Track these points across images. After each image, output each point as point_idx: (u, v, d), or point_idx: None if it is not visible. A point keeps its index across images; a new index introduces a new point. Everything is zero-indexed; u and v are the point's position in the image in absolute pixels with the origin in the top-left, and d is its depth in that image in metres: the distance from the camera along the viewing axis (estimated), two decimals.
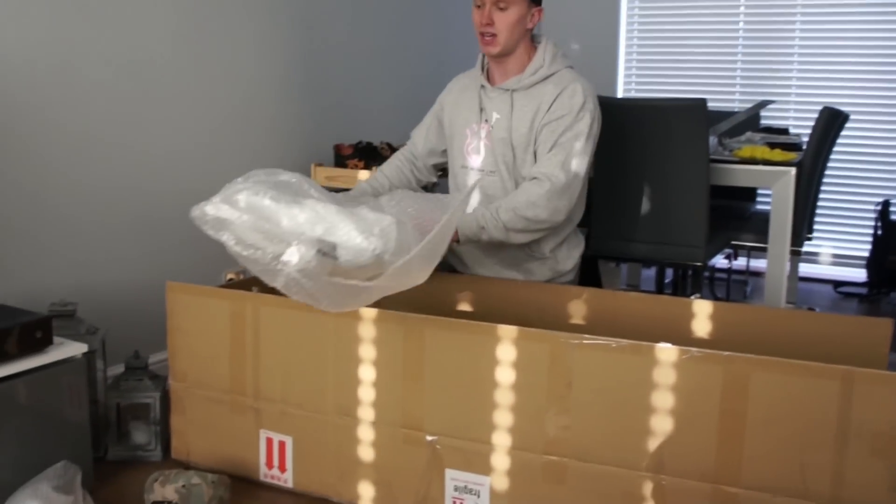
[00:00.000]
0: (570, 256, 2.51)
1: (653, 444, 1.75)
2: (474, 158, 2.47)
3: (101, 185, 2.64)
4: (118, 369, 2.49)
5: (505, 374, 1.86)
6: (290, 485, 2.15)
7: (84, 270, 2.61)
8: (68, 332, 2.28)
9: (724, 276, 4.70)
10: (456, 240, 2.28)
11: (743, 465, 1.68)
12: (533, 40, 2.46)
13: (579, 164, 2.32)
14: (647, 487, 1.77)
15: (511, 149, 2.39)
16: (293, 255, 1.57)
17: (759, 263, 4.77)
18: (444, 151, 2.64)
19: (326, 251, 1.61)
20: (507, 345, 1.85)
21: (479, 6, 2.34)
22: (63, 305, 2.33)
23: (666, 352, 1.71)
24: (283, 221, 1.61)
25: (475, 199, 2.46)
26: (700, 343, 2.16)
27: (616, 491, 1.80)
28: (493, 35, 2.34)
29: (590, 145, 2.36)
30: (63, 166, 2.53)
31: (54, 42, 2.47)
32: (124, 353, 2.48)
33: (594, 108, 2.36)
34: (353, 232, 1.61)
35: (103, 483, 2.21)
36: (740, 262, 4.78)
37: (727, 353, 1.66)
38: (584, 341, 1.77)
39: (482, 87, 2.47)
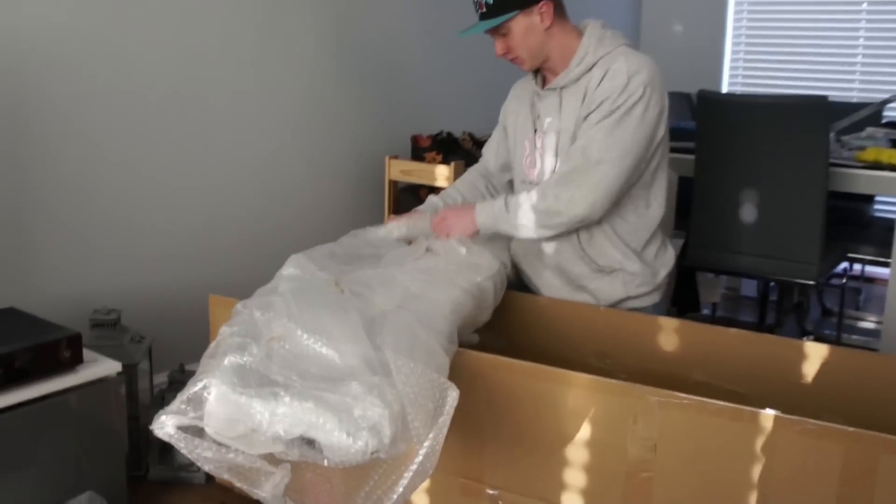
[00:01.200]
0: (659, 266, 2.21)
1: None
2: (532, 172, 2.20)
3: (150, 186, 2.47)
4: (165, 377, 2.33)
5: (579, 429, 1.59)
6: None
7: (130, 275, 2.44)
8: (111, 342, 2.14)
9: (835, 282, 4.30)
10: (475, 232, 2.10)
11: None
12: (578, 29, 2.15)
13: (605, 148, 1.99)
14: None
15: (562, 153, 2.11)
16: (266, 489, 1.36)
17: (875, 269, 4.36)
18: None
19: (312, 445, 1.37)
20: (582, 395, 1.58)
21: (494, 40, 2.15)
22: (106, 313, 2.17)
23: (773, 420, 1.42)
24: (256, 419, 1.35)
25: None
26: (811, 399, 1.85)
27: None
28: (516, 57, 2.13)
29: (628, 130, 2.00)
30: (112, 167, 2.36)
31: (108, 34, 2.30)
32: (173, 360, 2.32)
33: (640, 86, 2.00)
34: (336, 432, 1.32)
35: None
36: (854, 266, 4.37)
37: (851, 429, 1.36)
38: (674, 400, 1.49)
39: (536, 93, 2.20)
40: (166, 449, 2.22)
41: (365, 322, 1.53)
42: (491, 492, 1.72)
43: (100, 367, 1.90)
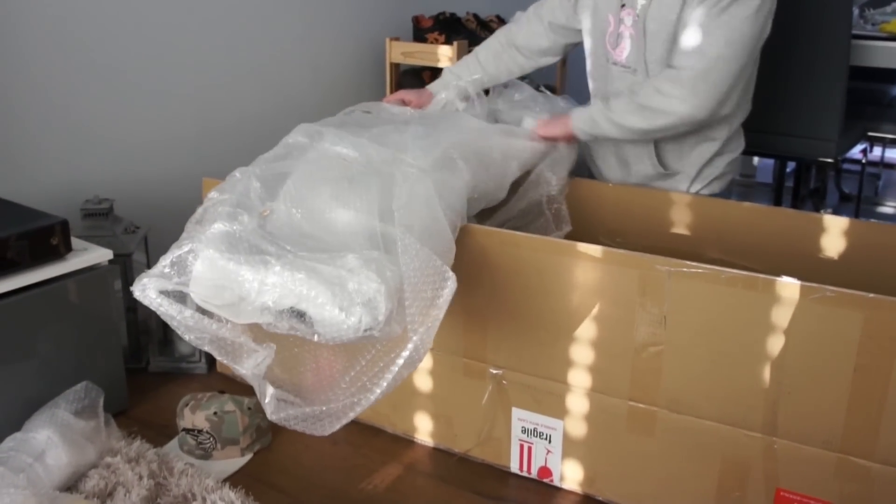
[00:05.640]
0: (725, 172, 2.09)
1: (766, 399, 1.41)
2: (618, 52, 1.99)
3: (143, 68, 2.36)
4: None
5: (584, 303, 1.53)
6: None
7: (124, 163, 2.36)
8: (103, 232, 2.07)
9: (853, 167, 4.18)
10: (570, 138, 1.93)
11: (881, 435, 1.33)
12: None
13: (727, 42, 1.82)
14: (755, 450, 1.44)
15: (660, 42, 1.90)
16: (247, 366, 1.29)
17: (895, 155, 4.24)
18: (578, 31, 2.14)
19: (303, 318, 1.28)
20: (588, 268, 1.51)
21: None
22: (97, 202, 2.10)
23: (789, 288, 1.34)
24: (244, 287, 1.26)
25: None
26: (830, 272, 1.77)
27: (715, 451, 1.48)
28: None
29: (746, 24, 1.83)
30: (104, 49, 2.25)
31: None
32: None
33: None
34: (328, 306, 1.24)
35: (142, 398, 2.02)
36: (874, 152, 4.24)
37: (871, 295, 1.28)
38: (684, 269, 1.42)
39: None
40: (166, 341, 2.18)
41: (380, 188, 1.44)
42: (494, 371, 1.67)
43: (90, 255, 1.83)
